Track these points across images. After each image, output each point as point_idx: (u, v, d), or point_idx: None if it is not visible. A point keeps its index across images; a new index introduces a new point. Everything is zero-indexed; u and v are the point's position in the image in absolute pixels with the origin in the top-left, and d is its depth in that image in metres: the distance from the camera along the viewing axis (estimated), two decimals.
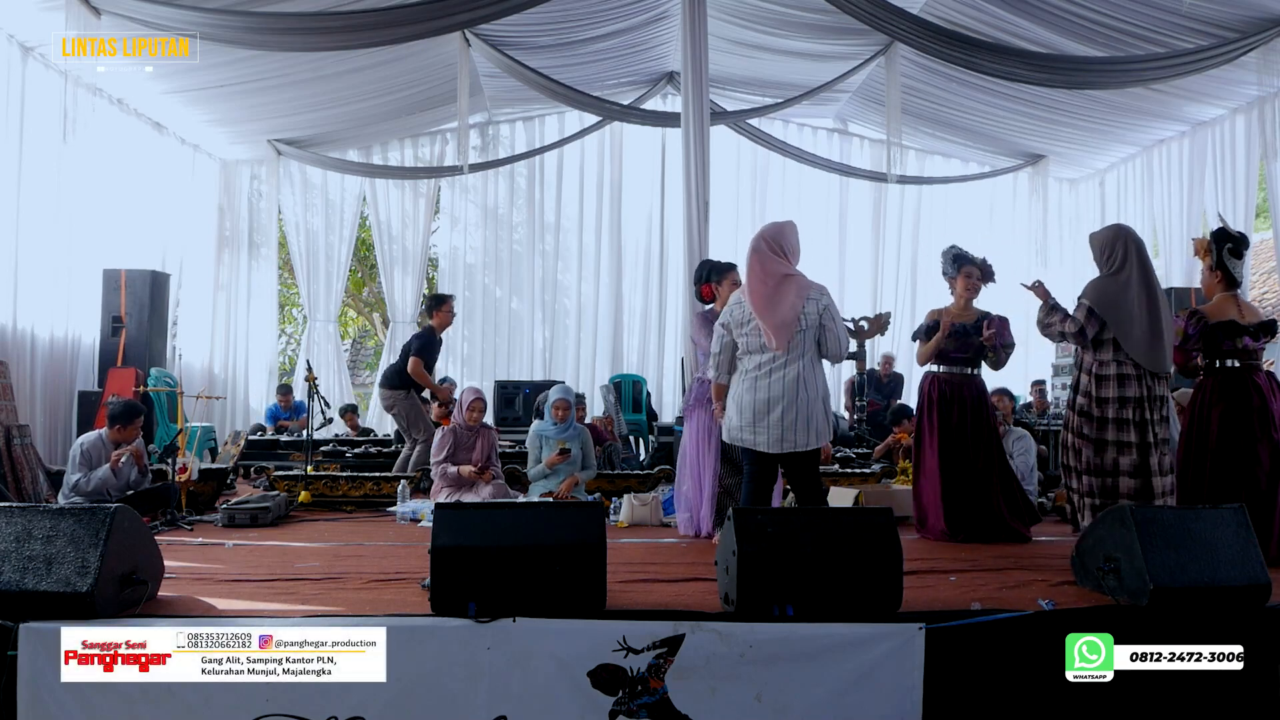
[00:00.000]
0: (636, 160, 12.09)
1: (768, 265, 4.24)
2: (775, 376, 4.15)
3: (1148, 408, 4.11)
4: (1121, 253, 4.24)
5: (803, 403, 4.14)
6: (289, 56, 8.23)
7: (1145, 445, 4.09)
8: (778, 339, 4.13)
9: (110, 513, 3.13)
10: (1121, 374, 4.15)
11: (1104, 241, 4.37)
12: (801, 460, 4.26)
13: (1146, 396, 4.11)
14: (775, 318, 4.15)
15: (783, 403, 4.13)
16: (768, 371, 4.16)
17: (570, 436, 6.30)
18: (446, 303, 7.10)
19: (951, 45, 7.39)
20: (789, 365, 4.15)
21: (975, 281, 5.21)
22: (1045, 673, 3.14)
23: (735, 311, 4.27)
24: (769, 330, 4.14)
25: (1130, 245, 4.25)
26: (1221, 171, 9.38)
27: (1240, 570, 3.31)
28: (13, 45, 7.51)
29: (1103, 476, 4.11)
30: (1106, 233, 4.43)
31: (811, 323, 4.18)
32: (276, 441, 8.70)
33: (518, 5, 6.81)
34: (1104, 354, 4.19)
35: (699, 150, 6.41)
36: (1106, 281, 4.26)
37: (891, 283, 12.19)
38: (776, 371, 4.15)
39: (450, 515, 3.22)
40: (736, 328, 4.25)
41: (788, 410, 4.12)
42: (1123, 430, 4.12)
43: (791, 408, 4.13)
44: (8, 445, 6.46)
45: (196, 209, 10.72)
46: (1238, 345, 4.54)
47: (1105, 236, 4.40)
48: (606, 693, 2.96)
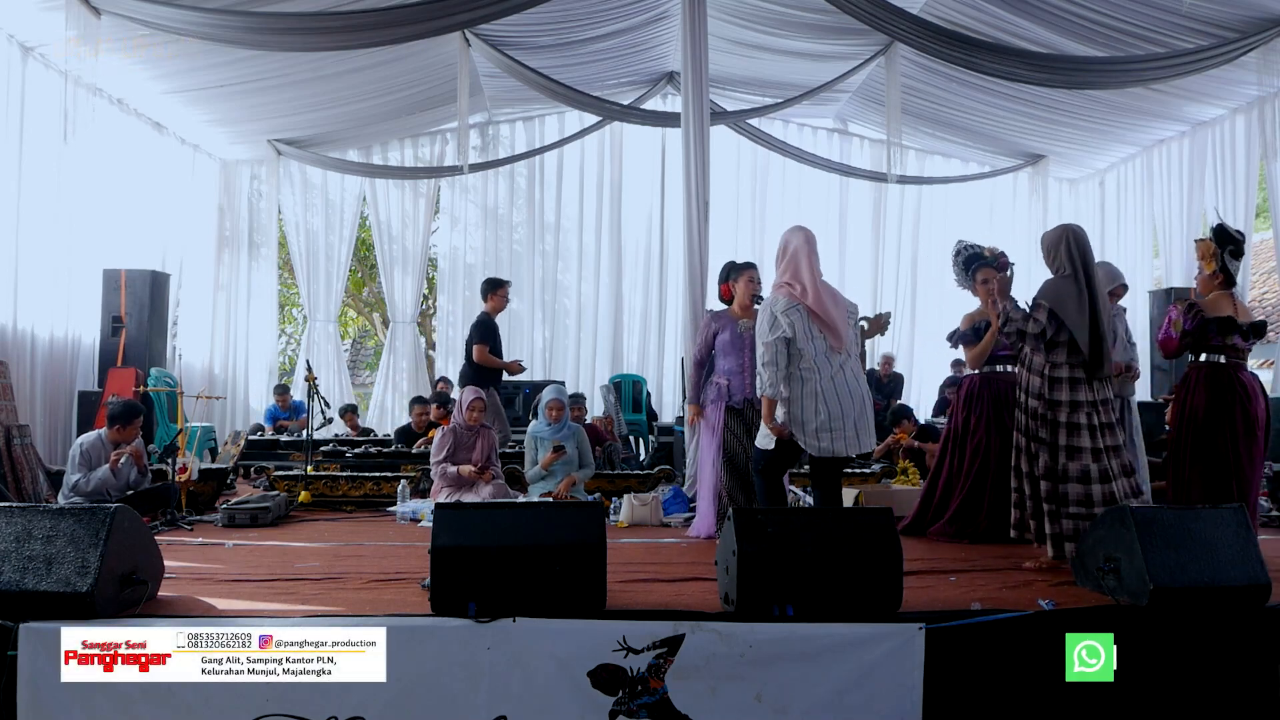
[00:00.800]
0: (636, 160, 12.09)
1: (818, 266, 4.28)
2: (847, 375, 4.18)
3: (1099, 411, 4.11)
4: (1066, 254, 4.23)
5: (862, 399, 4.21)
6: (289, 56, 8.23)
7: (1099, 450, 4.08)
8: (845, 336, 4.18)
9: (110, 513, 3.13)
10: (1073, 377, 4.12)
11: (1051, 243, 4.33)
12: (845, 461, 4.30)
13: (1096, 400, 4.11)
14: (838, 315, 4.19)
15: (858, 402, 4.17)
16: (843, 376, 4.16)
17: (565, 437, 6.30)
18: (502, 288, 6.98)
19: (951, 45, 7.39)
20: (849, 363, 4.22)
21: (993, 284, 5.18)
22: (1045, 673, 3.15)
23: (796, 320, 4.14)
24: (836, 327, 4.14)
25: (1075, 247, 4.23)
26: (1221, 171, 9.37)
27: (1240, 570, 3.31)
28: (13, 45, 7.51)
29: (1058, 481, 4.09)
30: (1054, 234, 4.37)
31: (852, 319, 4.34)
32: (276, 441, 8.69)
33: (518, 5, 6.81)
34: (1057, 356, 4.16)
35: (699, 150, 6.41)
36: (1060, 283, 4.25)
37: (891, 283, 12.18)
38: (846, 369, 4.18)
39: (450, 515, 3.22)
40: (802, 335, 4.14)
41: (862, 411, 4.18)
42: (1074, 435, 4.09)
43: (864, 407, 4.20)
44: (8, 445, 6.45)
45: (196, 209, 10.72)
46: (1227, 342, 4.56)
47: (1052, 238, 4.35)
48: (606, 693, 2.97)
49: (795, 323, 4.14)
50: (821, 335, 4.16)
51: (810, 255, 4.27)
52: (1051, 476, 4.08)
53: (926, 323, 11.60)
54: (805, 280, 4.21)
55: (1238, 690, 3.21)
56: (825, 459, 4.22)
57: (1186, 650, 3.22)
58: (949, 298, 9.73)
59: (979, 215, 12.30)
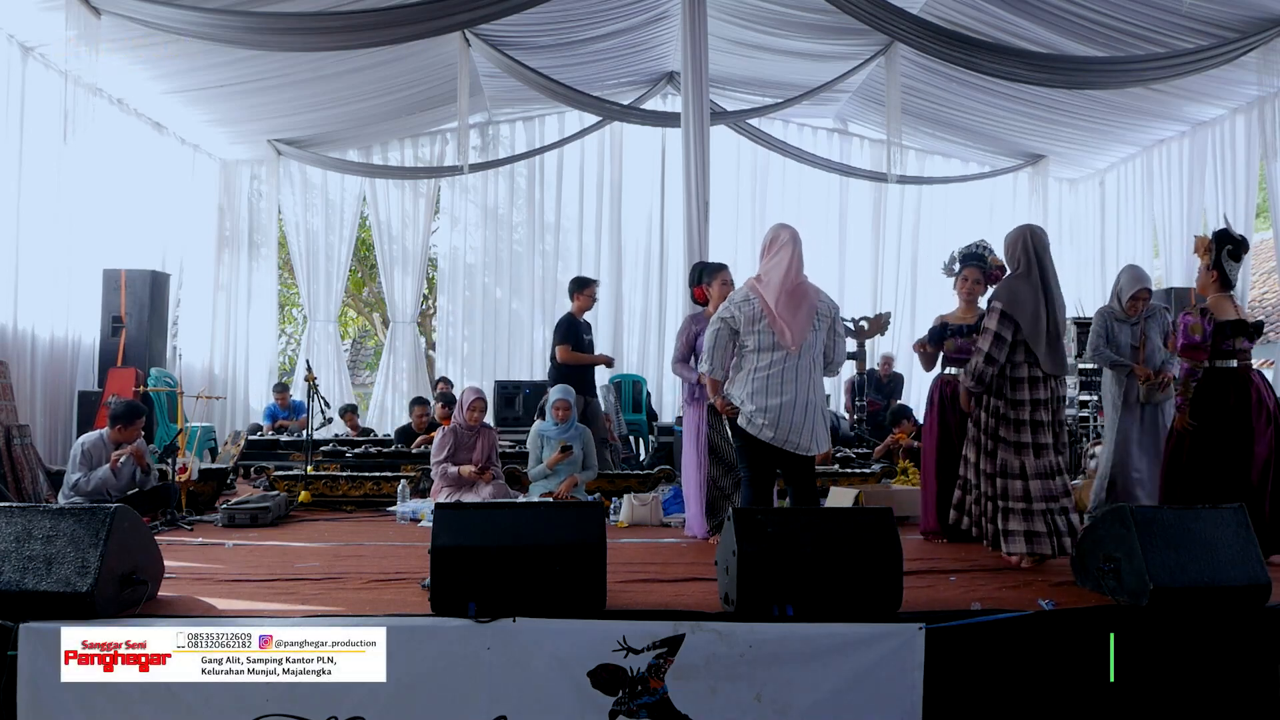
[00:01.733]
0: (636, 160, 12.07)
1: (797, 266, 4.22)
2: (791, 377, 4.12)
3: (1057, 409, 4.13)
4: (1023, 254, 4.25)
5: (805, 403, 4.14)
6: (289, 56, 8.22)
7: (1059, 447, 4.12)
8: (795, 338, 4.11)
9: (110, 513, 3.14)
10: (1032, 376, 4.15)
11: (1010, 243, 4.38)
12: (802, 463, 4.26)
13: (1052, 399, 4.12)
14: (796, 317, 4.13)
15: (783, 400, 4.10)
16: (779, 371, 4.11)
17: (571, 437, 6.30)
18: (588, 287, 6.87)
19: (951, 45, 7.39)
20: (801, 365, 4.14)
21: (973, 284, 5.19)
22: (1045, 673, 3.15)
23: (744, 309, 4.17)
24: (788, 328, 4.10)
25: (1031, 246, 4.25)
26: (1221, 171, 9.37)
27: (1240, 570, 3.31)
28: (13, 45, 7.50)
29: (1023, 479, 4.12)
30: (1013, 234, 4.41)
31: (822, 327, 4.22)
32: (276, 441, 8.69)
33: (518, 5, 6.80)
34: (1016, 355, 4.19)
35: (699, 150, 6.41)
36: (1016, 282, 4.28)
37: (891, 283, 12.17)
38: (790, 371, 4.12)
39: (450, 515, 3.22)
40: (746, 324, 4.15)
41: (786, 408, 4.11)
42: (1039, 433, 4.12)
43: (791, 407, 4.12)
44: (8, 445, 6.46)
45: (196, 209, 10.72)
46: (1236, 345, 4.55)
47: (1011, 238, 4.39)
48: (606, 693, 2.97)
49: (744, 314, 4.16)
50: (769, 331, 4.13)
51: (793, 256, 4.21)
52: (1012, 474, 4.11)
53: (926, 323, 11.45)
54: (776, 280, 4.17)
55: (1238, 690, 3.21)
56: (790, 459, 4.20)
57: (1186, 650, 3.22)
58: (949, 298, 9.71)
59: (979, 215, 12.28)
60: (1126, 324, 5.13)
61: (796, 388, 4.10)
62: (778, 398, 4.08)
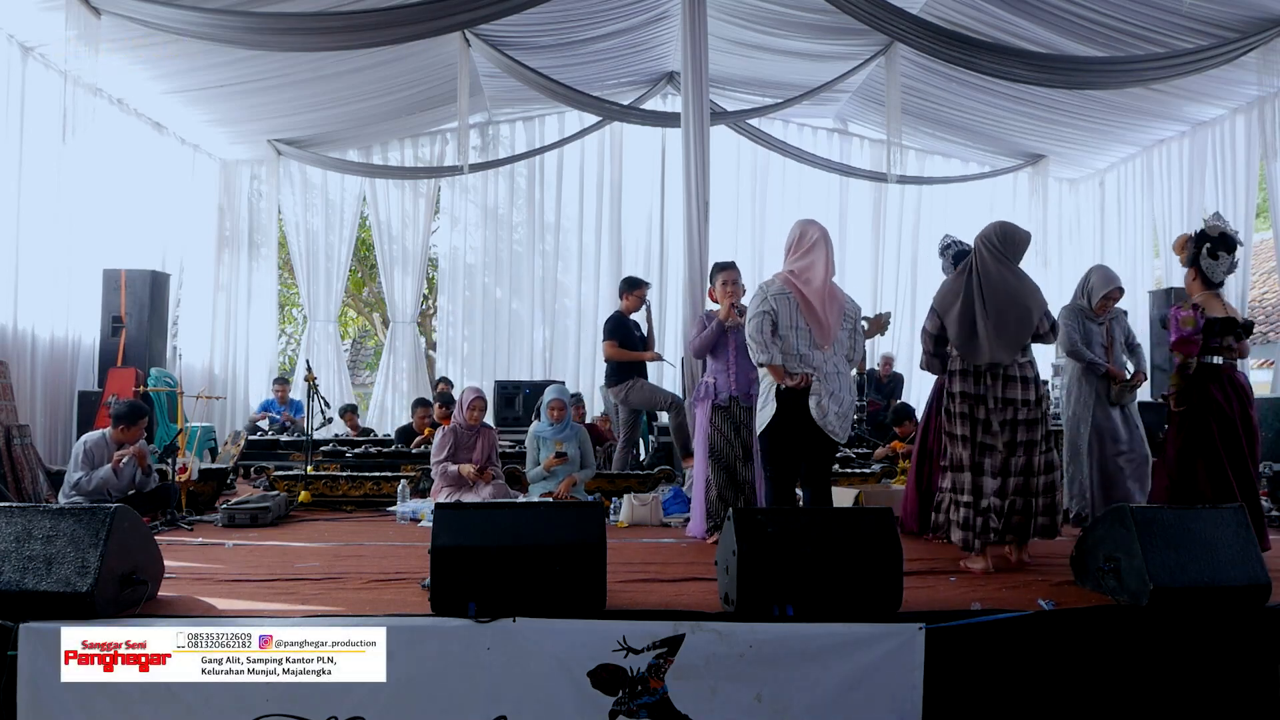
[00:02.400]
0: (636, 160, 12.08)
1: (832, 264, 4.29)
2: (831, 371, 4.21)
3: (989, 405, 4.11)
4: (975, 249, 4.30)
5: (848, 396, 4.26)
6: (289, 56, 8.22)
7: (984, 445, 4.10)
8: (832, 334, 4.21)
9: (110, 513, 3.14)
10: (963, 369, 4.19)
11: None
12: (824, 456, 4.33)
13: (986, 394, 4.11)
14: (830, 313, 4.21)
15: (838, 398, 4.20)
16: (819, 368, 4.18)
17: (567, 437, 6.30)
18: (639, 289, 6.84)
19: (951, 45, 7.39)
20: (835, 362, 4.24)
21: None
22: (1045, 673, 3.15)
23: (782, 303, 4.19)
24: (824, 322, 4.17)
25: (977, 243, 4.30)
26: (1221, 171, 9.37)
27: (1240, 570, 3.31)
28: (13, 45, 7.51)
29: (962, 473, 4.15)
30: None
31: (848, 322, 4.33)
32: (276, 441, 8.70)
33: (518, 5, 6.80)
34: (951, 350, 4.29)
35: (699, 150, 6.41)
36: (949, 280, 4.36)
37: (891, 283, 12.18)
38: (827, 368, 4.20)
39: (450, 515, 3.22)
40: (786, 321, 4.19)
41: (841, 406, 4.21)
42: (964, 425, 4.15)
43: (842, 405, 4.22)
44: (8, 445, 6.45)
45: (196, 209, 10.72)
46: (1224, 343, 4.57)
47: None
48: (606, 693, 2.97)
49: (781, 308, 4.19)
50: (806, 327, 4.20)
51: (828, 253, 4.28)
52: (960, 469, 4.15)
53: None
54: (818, 271, 4.23)
55: (1238, 690, 3.21)
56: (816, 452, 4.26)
57: (1186, 650, 3.22)
58: None
59: (979, 215, 12.22)
60: (1095, 323, 5.15)
61: (837, 381, 4.21)
62: (824, 390, 4.16)
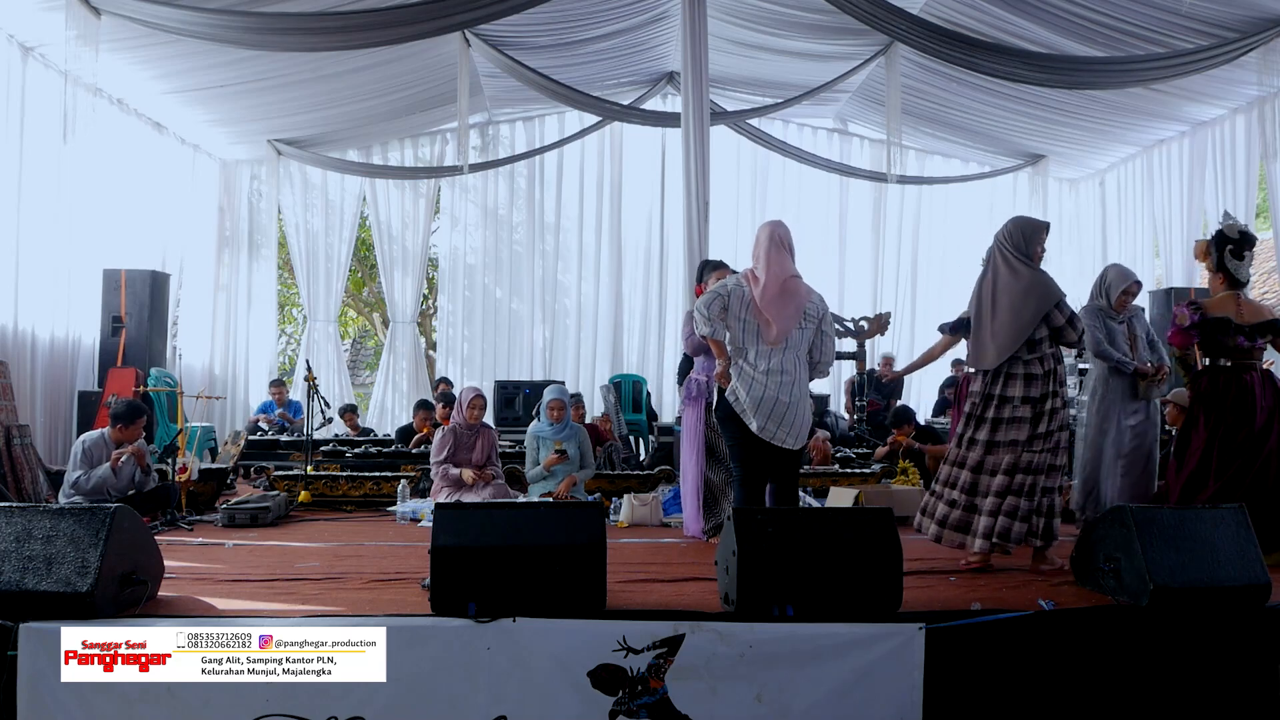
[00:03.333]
0: (636, 160, 12.07)
1: (784, 261, 4.27)
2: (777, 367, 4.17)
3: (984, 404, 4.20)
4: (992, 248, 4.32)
5: (787, 401, 4.19)
6: (289, 56, 8.22)
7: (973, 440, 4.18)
8: (779, 333, 4.15)
9: (110, 513, 3.14)
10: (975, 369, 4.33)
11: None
12: (784, 459, 4.29)
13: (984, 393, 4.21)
14: (782, 313, 4.17)
15: (790, 398, 4.17)
16: (765, 365, 4.16)
17: (567, 437, 6.30)
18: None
19: (951, 45, 7.39)
20: (786, 361, 4.18)
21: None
22: (1045, 673, 3.15)
23: (736, 293, 4.21)
24: (774, 322, 4.14)
25: (994, 242, 4.32)
26: (1221, 171, 9.37)
27: (1240, 570, 3.31)
28: (13, 45, 7.51)
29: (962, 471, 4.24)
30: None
31: (809, 324, 4.26)
32: (276, 441, 8.69)
33: (518, 5, 6.80)
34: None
35: (699, 150, 6.41)
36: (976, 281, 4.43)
37: (891, 283, 12.17)
38: (775, 365, 4.17)
39: (450, 515, 3.22)
40: (734, 310, 4.20)
41: (792, 407, 4.17)
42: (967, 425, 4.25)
43: (795, 404, 4.18)
44: (8, 445, 6.45)
45: (196, 209, 10.71)
46: (1229, 344, 4.57)
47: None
48: (606, 693, 2.97)
49: (734, 298, 4.21)
50: (754, 321, 4.19)
51: (773, 248, 4.26)
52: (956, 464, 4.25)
53: (926, 323, 11.59)
54: (761, 273, 4.24)
55: (1238, 690, 3.21)
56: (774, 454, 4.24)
57: (1186, 650, 3.22)
58: (949, 298, 9.74)
59: (979, 215, 12.27)
60: (1115, 321, 5.15)
61: (781, 381, 4.16)
62: (760, 391, 4.14)
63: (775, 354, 4.16)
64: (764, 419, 4.14)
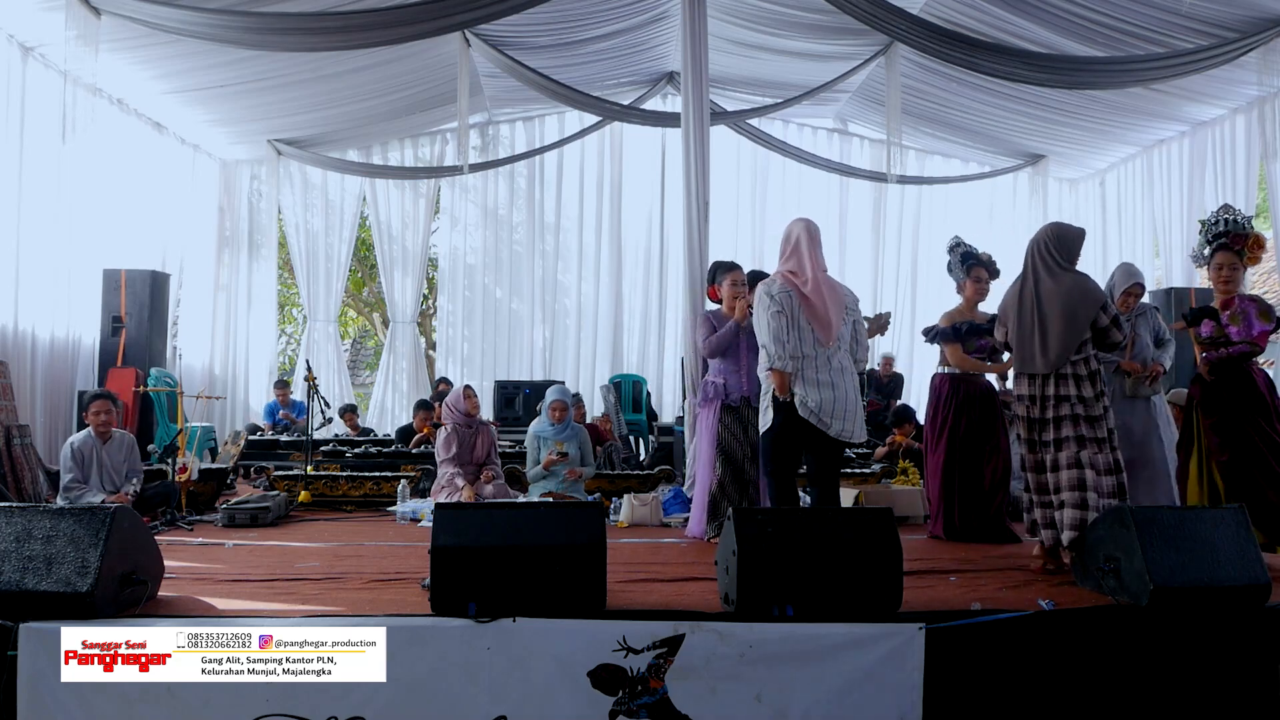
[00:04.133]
0: (636, 160, 12.07)
1: (820, 258, 4.30)
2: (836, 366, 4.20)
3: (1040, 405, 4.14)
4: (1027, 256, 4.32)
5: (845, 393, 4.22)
6: (289, 56, 8.22)
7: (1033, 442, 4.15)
8: (833, 331, 4.19)
9: (110, 513, 3.14)
10: (1019, 373, 4.27)
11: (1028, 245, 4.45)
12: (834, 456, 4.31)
13: (1039, 395, 4.15)
14: (831, 309, 4.20)
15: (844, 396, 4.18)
16: (824, 364, 4.18)
17: (568, 437, 6.31)
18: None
19: (951, 45, 7.38)
20: (838, 358, 4.22)
21: (984, 285, 5.23)
22: (1045, 673, 3.15)
23: (786, 304, 4.20)
24: (827, 320, 4.16)
25: (1030, 248, 4.32)
26: (1221, 171, 9.37)
27: (1240, 570, 3.31)
28: (13, 45, 7.51)
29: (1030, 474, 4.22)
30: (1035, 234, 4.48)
31: (850, 317, 4.32)
32: (276, 441, 8.70)
33: (518, 5, 6.80)
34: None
35: (699, 150, 6.40)
36: (1010, 287, 4.39)
37: (891, 283, 12.18)
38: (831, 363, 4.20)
39: (450, 515, 3.22)
40: (790, 324, 4.19)
41: (848, 404, 4.19)
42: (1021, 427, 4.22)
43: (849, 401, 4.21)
44: (8, 445, 6.46)
45: (196, 209, 10.71)
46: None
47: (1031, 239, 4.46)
48: (606, 693, 2.96)
49: (785, 307, 4.20)
50: (809, 326, 4.20)
51: (813, 246, 4.30)
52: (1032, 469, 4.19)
53: (926, 323, 11.55)
54: (807, 270, 4.26)
55: (1238, 690, 3.21)
56: (822, 454, 4.26)
57: (1186, 650, 3.22)
58: (949, 297, 9.68)
59: (979, 215, 12.29)
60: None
61: (842, 378, 4.20)
62: (817, 392, 4.15)
63: (830, 353, 4.20)
64: (839, 420, 4.16)
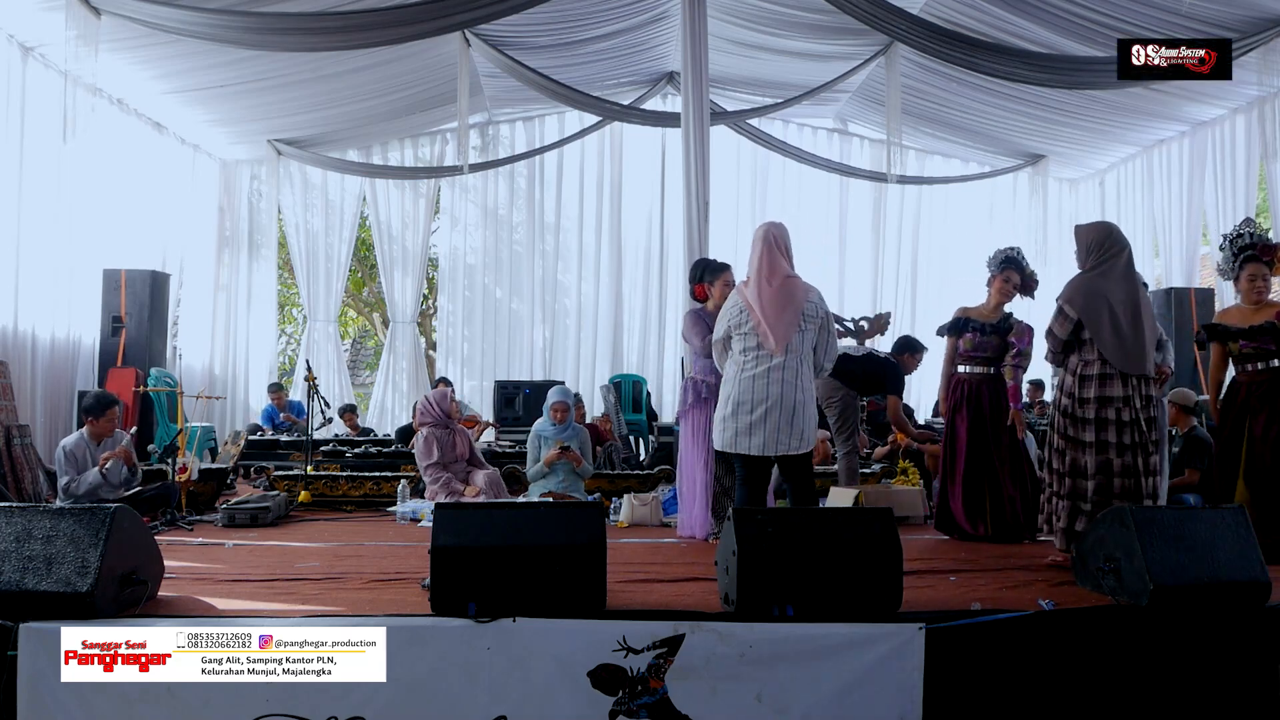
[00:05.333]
0: (636, 160, 12.08)
1: (775, 263, 4.26)
2: (772, 377, 4.16)
3: (1134, 407, 4.08)
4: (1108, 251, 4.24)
5: (792, 405, 4.17)
6: (289, 56, 8.22)
7: (1130, 445, 4.06)
8: (777, 341, 4.15)
9: (110, 513, 3.13)
10: (1104, 373, 4.13)
11: (1090, 238, 4.32)
12: (795, 462, 4.28)
13: (1133, 395, 4.08)
14: (779, 319, 4.16)
15: (768, 404, 4.15)
16: (765, 371, 4.16)
17: (568, 437, 6.31)
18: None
19: (951, 45, 7.39)
20: (787, 365, 4.17)
21: (1011, 287, 5.20)
22: (1045, 673, 3.15)
23: (733, 314, 4.28)
24: (770, 331, 4.14)
25: (1117, 244, 4.24)
26: (1221, 171, 9.37)
27: (1240, 570, 3.31)
28: (13, 45, 7.51)
29: (1081, 478, 4.12)
30: (1095, 230, 4.36)
31: (810, 325, 4.25)
32: (276, 441, 8.69)
33: (518, 5, 6.81)
34: (1088, 354, 4.19)
35: (699, 150, 6.41)
36: (1086, 280, 4.26)
37: (891, 283, 12.18)
38: (775, 372, 4.16)
39: (450, 515, 3.22)
40: (736, 329, 4.26)
41: (771, 411, 4.16)
42: (1104, 430, 4.11)
43: (777, 409, 4.16)
44: (8, 445, 6.46)
45: (196, 209, 10.72)
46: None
47: (1093, 233, 4.33)
48: (606, 693, 2.96)
49: (733, 318, 4.27)
50: (754, 333, 4.20)
51: (770, 251, 4.27)
52: (1079, 474, 4.11)
53: (926, 323, 11.55)
54: (753, 278, 4.28)
55: (1238, 690, 3.20)
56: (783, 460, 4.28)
57: (1186, 650, 3.22)
58: (949, 297, 9.71)
59: (979, 215, 12.30)
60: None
61: (782, 389, 4.16)
62: (764, 402, 4.15)
63: (777, 360, 4.17)
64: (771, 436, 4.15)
